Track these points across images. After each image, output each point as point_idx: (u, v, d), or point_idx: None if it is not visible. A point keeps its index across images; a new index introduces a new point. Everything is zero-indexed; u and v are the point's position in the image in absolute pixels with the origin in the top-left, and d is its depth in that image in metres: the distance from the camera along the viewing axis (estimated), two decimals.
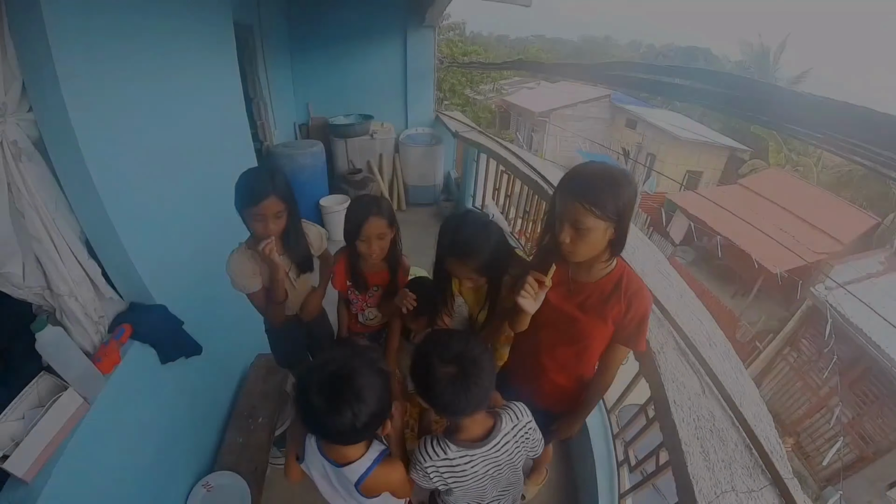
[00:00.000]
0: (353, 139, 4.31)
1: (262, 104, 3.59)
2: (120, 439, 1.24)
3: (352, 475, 0.94)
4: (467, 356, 0.95)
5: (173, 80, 1.56)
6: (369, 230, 1.42)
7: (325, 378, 0.84)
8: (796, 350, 7.18)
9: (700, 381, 1.24)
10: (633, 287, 1.10)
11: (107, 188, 1.16)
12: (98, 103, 1.14)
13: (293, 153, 3.67)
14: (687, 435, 1.07)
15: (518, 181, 3.30)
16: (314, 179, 3.91)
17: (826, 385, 6.48)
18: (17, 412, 0.97)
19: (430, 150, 4.57)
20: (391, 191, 4.69)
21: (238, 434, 1.77)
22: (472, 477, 1.06)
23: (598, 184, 0.96)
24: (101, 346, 1.18)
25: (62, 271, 1.08)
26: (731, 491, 0.95)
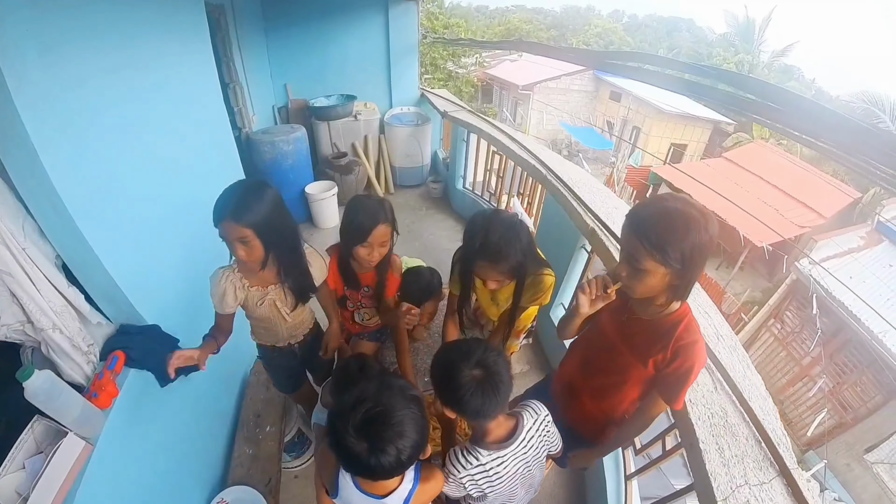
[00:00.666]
0: (336, 121, 4.16)
1: (238, 89, 3.39)
2: (130, 472, 1.20)
3: (397, 501, 0.93)
4: (489, 360, 0.98)
5: (143, 77, 1.42)
6: (375, 238, 1.38)
7: (361, 420, 0.80)
8: (780, 322, 7.43)
9: (712, 377, 1.25)
10: (687, 339, 1.00)
11: (79, 207, 1.06)
12: (59, 113, 1.02)
13: (274, 140, 3.52)
14: (704, 433, 1.08)
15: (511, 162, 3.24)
16: (298, 166, 3.77)
17: (808, 355, 6.76)
18: (17, 462, 0.92)
19: (417, 130, 4.43)
20: (378, 173, 4.57)
21: (247, 445, 1.74)
22: (505, 478, 1.09)
23: (666, 226, 0.87)
24: (96, 378, 1.11)
25: (41, 304, 1.00)
26: (745, 485, 0.98)
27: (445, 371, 0.99)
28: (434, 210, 4.43)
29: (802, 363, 6.89)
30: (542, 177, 2.48)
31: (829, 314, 6.26)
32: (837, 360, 6.42)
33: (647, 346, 1.05)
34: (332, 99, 4.29)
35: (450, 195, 4.51)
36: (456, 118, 3.82)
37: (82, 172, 1.09)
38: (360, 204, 1.41)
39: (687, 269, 0.89)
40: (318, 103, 4.18)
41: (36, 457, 0.94)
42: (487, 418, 1.02)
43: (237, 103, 3.44)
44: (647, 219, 0.90)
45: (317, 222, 4.02)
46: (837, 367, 6.41)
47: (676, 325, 1.00)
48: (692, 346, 1.00)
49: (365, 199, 1.43)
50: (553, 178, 2.37)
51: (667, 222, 0.87)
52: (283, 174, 3.69)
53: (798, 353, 7.00)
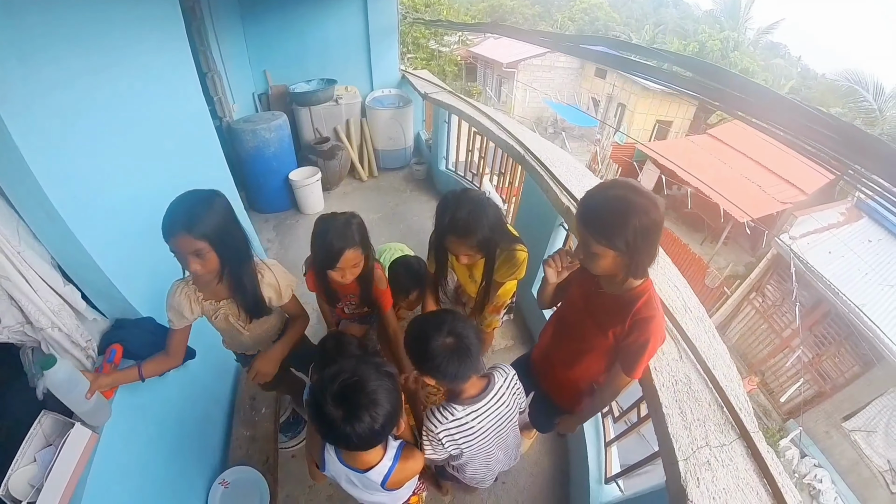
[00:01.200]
0: (318, 106, 4.12)
1: (216, 78, 3.32)
2: (135, 459, 1.27)
3: (377, 477, 1.01)
4: (458, 328, 1.06)
5: (121, 75, 1.43)
6: (344, 263, 1.35)
7: (338, 390, 0.87)
8: (762, 295, 7.67)
9: (677, 347, 1.34)
10: (644, 314, 1.06)
11: (69, 209, 1.09)
12: (43, 118, 1.04)
13: (256, 128, 3.48)
14: (667, 398, 1.17)
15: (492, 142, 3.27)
16: (281, 153, 3.75)
17: (788, 328, 7.02)
18: (28, 456, 0.98)
19: (399, 113, 4.40)
20: (361, 157, 4.55)
21: (244, 428, 1.82)
22: (480, 433, 1.18)
23: (608, 213, 0.94)
24: (96, 371, 1.16)
25: (39, 304, 1.04)
26: (705, 446, 1.07)
27: (419, 342, 1.07)
28: (418, 192, 4.44)
29: (783, 335, 7.16)
30: (519, 156, 2.53)
31: (809, 287, 6.48)
32: (817, 332, 6.67)
33: (608, 318, 1.13)
34: (312, 84, 4.23)
35: (433, 177, 4.52)
36: (436, 100, 3.80)
37: (69, 175, 1.12)
38: (326, 228, 1.35)
39: (634, 251, 0.95)
40: (298, 89, 4.11)
41: (46, 449, 1.00)
42: (463, 380, 1.11)
43: (216, 92, 3.38)
44: (590, 208, 0.98)
45: (302, 208, 4.02)
46: (817, 339, 6.67)
47: (636, 300, 1.07)
48: (649, 321, 1.07)
49: (331, 222, 1.35)
50: (530, 158, 2.42)
51: (608, 210, 0.95)
52: (265, 162, 3.67)
53: (779, 325, 7.26)
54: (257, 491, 1.65)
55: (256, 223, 3.77)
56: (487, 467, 1.39)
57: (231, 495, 1.66)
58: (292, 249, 3.66)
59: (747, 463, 1.06)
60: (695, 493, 0.98)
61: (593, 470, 1.86)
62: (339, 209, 1.47)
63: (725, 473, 1.03)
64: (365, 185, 4.54)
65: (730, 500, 0.98)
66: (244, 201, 3.87)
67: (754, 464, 1.06)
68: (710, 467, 1.03)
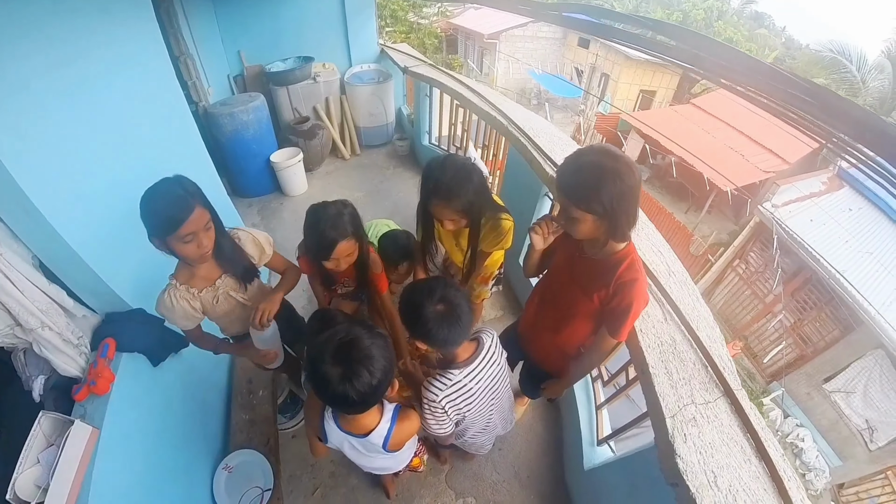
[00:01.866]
0: (295, 85, 4.00)
1: (189, 61, 3.18)
2: (137, 451, 1.29)
3: (377, 440, 1.05)
4: (449, 295, 1.09)
5: (90, 66, 1.36)
6: (338, 254, 1.35)
7: (335, 348, 0.89)
8: (745, 262, 7.85)
9: (662, 309, 1.39)
10: (627, 277, 1.10)
11: (50, 206, 1.06)
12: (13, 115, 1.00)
13: (233, 111, 3.36)
14: (653, 359, 1.22)
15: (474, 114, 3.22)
16: (260, 135, 3.65)
17: (771, 293, 7.24)
18: (31, 458, 0.99)
19: (379, 88, 4.30)
20: (342, 135, 4.47)
21: (243, 412, 1.85)
22: (479, 393, 1.23)
23: (583, 179, 0.97)
24: (91, 367, 1.16)
25: (27, 305, 1.03)
26: (691, 404, 1.13)
27: (412, 309, 1.09)
28: (402, 168, 4.39)
29: (766, 301, 7.40)
30: (503, 128, 2.51)
31: (791, 254, 6.65)
32: (799, 298, 6.89)
33: (592, 282, 1.17)
34: (288, 63, 4.08)
35: (417, 152, 4.47)
36: (417, 73, 3.71)
37: (46, 170, 1.09)
38: (318, 219, 1.33)
39: (612, 214, 0.98)
40: (274, 68, 3.97)
41: (48, 450, 1.01)
42: (455, 345, 1.15)
43: (190, 77, 3.25)
44: (567, 174, 1.01)
45: (285, 191, 3.96)
46: (799, 304, 6.89)
47: (619, 264, 1.11)
48: (632, 284, 1.10)
49: (322, 213, 1.34)
50: (514, 129, 2.41)
51: (584, 175, 0.97)
52: (245, 145, 3.58)
53: (762, 291, 7.48)
54: (261, 472, 1.70)
55: (240, 208, 3.70)
56: (486, 431, 1.45)
57: (235, 479, 1.70)
58: (278, 233, 3.61)
59: (731, 419, 1.12)
60: (682, 448, 1.03)
61: (585, 433, 1.94)
62: (323, 189, 1.47)
63: (711, 429, 1.08)
64: (348, 164, 4.46)
65: (715, 453, 1.03)
66: (227, 187, 3.79)
67: (738, 419, 1.12)
68: (696, 423, 1.09)
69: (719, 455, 1.04)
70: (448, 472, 2.02)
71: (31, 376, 1.18)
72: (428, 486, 1.97)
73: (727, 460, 1.04)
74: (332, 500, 1.90)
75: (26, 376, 1.20)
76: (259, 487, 1.66)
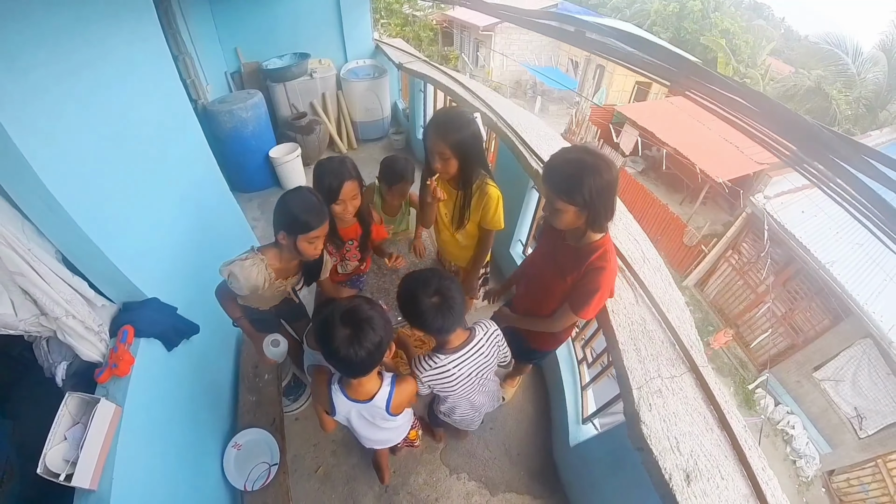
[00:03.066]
0: (292, 82, 4.08)
1: (188, 60, 3.26)
2: (155, 429, 1.40)
3: (380, 403, 1.19)
4: (443, 287, 1.20)
5: (103, 71, 1.44)
6: (345, 194, 1.58)
7: (343, 314, 1.05)
8: (737, 253, 7.98)
9: (634, 293, 1.50)
10: (598, 264, 1.24)
11: (73, 203, 1.15)
12: (35, 118, 1.08)
13: (232, 108, 3.45)
14: (623, 336, 1.34)
15: None
16: (259, 132, 3.74)
17: (763, 284, 7.37)
18: (58, 435, 1.09)
19: (375, 83, 4.38)
20: (339, 130, 4.55)
21: (250, 394, 1.97)
22: (461, 379, 1.35)
23: (566, 173, 1.10)
24: (111, 352, 1.27)
25: (53, 295, 1.12)
26: (657, 377, 1.24)
27: (409, 302, 1.21)
28: None
29: (758, 291, 7.53)
30: (492, 123, 2.60)
31: (782, 245, 6.77)
32: (790, 288, 7.02)
33: (568, 266, 1.31)
34: (285, 59, 4.14)
35: (412, 146, 4.56)
36: (411, 69, 3.79)
37: (67, 170, 1.17)
38: (325, 168, 1.59)
39: (592, 206, 1.12)
40: (271, 65, 4.04)
41: (74, 427, 1.12)
42: (448, 333, 1.27)
43: (189, 75, 3.32)
44: (552, 169, 1.15)
45: (284, 185, 4.04)
46: (789, 295, 7.03)
47: (594, 251, 1.25)
48: (601, 271, 1.24)
49: (327, 163, 1.60)
50: (502, 125, 2.50)
51: (567, 170, 1.11)
52: (244, 142, 3.66)
53: (754, 281, 7.62)
54: (268, 448, 1.82)
55: (241, 202, 3.75)
56: (473, 408, 1.58)
57: (244, 456, 1.82)
58: None
59: (696, 392, 1.23)
60: (647, 416, 1.15)
61: (571, 412, 2.07)
62: None
63: (675, 400, 1.20)
64: None
65: (678, 422, 1.15)
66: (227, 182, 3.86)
67: (702, 393, 1.23)
68: (661, 395, 1.20)
69: (682, 424, 1.15)
70: (442, 450, 2.15)
71: (54, 363, 1.28)
72: (423, 463, 2.10)
73: (690, 428, 1.14)
74: (334, 477, 2.04)
75: (49, 363, 1.30)
76: (266, 462, 1.79)
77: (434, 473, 2.09)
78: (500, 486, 2.06)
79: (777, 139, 1.02)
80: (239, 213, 2.70)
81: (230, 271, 1.36)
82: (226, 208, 2.53)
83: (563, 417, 2.10)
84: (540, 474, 2.12)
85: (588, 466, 1.85)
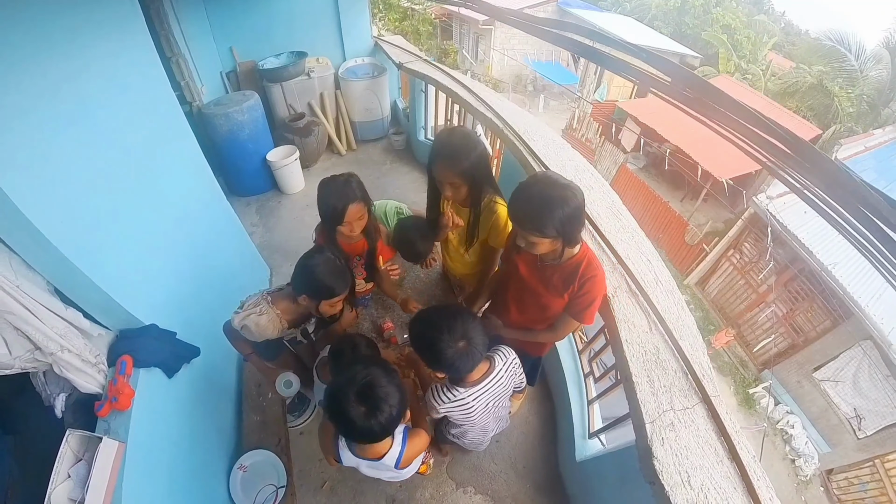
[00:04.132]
0: (289, 82, 3.98)
1: (181, 62, 3.17)
2: (159, 458, 1.37)
3: (390, 461, 1.16)
4: (470, 331, 1.15)
5: (86, 87, 1.38)
6: (350, 216, 1.53)
7: (358, 390, 1.00)
8: (739, 252, 7.93)
9: (647, 319, 1.46)
10: (589, 273, 1.28)
11: (55, 232, 1.09)
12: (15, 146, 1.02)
13: (228, 111, 3.38)
14: (636, 368, 1.31)
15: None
16: (256, 135, 3.67)
17: (765, 284, 7.34)
18: (62, 473, 1.06)
19: (374, 82, 4.29)
20: (338, 131, 4.47)
21: (254, 414, 1.94)
22: (479, 410, 1.33)
23: (533, 210, 1.10)
24: (111, 384, 1.23)
25: (45, 331, 1.08)
26: (670, 410, 1.22)
27: (431, 345, 1.15)
28: (398, 163, 4.41)
29: (759, 290, 7.51)
30: (497, 129, 2.54)
31: (784, 246, 6.71)
32: (791, 289, 6.99)
33: (562, 284, 1.32)
34: (281, 58, 4.04)
35: (413, 147, 4.48)
36: (412, 70, 3.69)
37: (51, 199, 1.12)
38: (329, 189, 1.54)
39: (564, 233, 1.14)
40: (267, 65, 3.95)
41: (78, 464, 1.09)
42: (470, 373, 1.24)
43: (182, 77, 3.24)
44: (517, 210, 1.15)
45: (283, 188, 4.00)
46: (791, 295, 7.00)
47: (580, 264, 1.28)
48: (595, 279, 1.29)
49: (332, 183, 1.55)
50: (508, 132, 2.44)
51: (531, 208, 1.11)
52: (241, 145, 3.60)
53: (755, 281, 7.59)
54: (274, 471, 1.80)
55: (238, 207, 3.74)
56: (483, 434, 1.55)
57: (250, 478, 1.80)
58: (277, 231, 3.66)
59: (707, 423, 1.21)
60: (659, 451, 1.13)
61: (578, 426, 2.06)
62: None
63: (687, 433, 1.17)
64: (344, 160, 4.48)
65: (690, 455, 1.13)
66: (224, 187, 3.80)
67: (713, 424, 1.21)
68: (673, 428, 1.18)
69: (694, 457, 1.13)
70: (448, 464, 2.13)
71: (52, 394, 1.25)
72: (429, 478, 2.08)
73: (701, 461, 1.13)
74: (340, 493, 2.01)
75: (46, 394, 1.26)
76: (273, 485, 1.77)
77: (440, 488, 2.07)
78: (506, 499, 2.05)
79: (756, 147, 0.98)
80: (237, 223, 2.64)
81: (244, 325, 1.36)
82: (223, 222, 2.47)
83: (569, 431, 2.09)
84: (546, 487, 2.11)
85: (595, 484, 1.84)
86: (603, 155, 11.50)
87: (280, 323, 1.43)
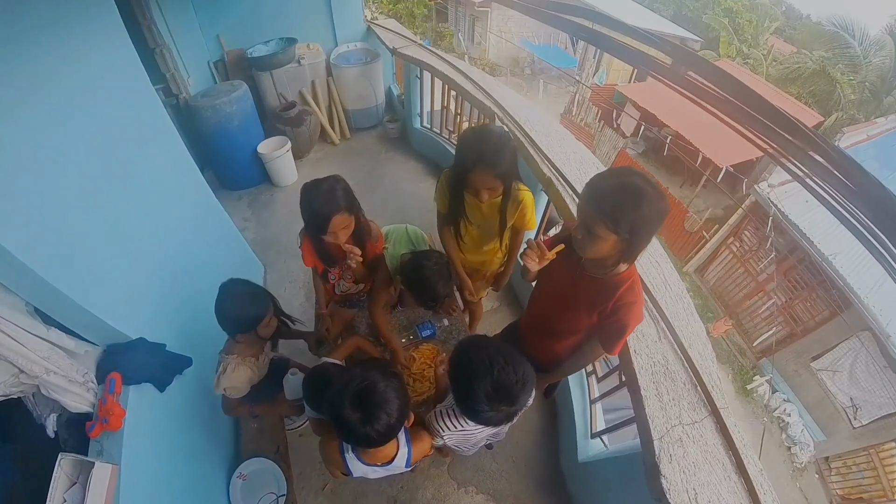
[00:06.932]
0: (279, 70, 3.83)
1: (166, 53, 3.03)
2: (156, 476, 1.34)
3: (401, 462, 1.15)
4: (517, 402, 1.05)
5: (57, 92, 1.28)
6: (334, 226, 1.42)
7: (353, 395, 0.96)
8: (739, 240, 7.87)
9: (657, 327, 1.43)
10: (628, 299, 1.13)
11: (34, 255, 1.02)
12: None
13: (215, 103, 3.24)
14: (645, 380, 1.27)
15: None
16: (246, 126, 3.54)
17: (764, 272, 7.31)
18: (57, 498, 1.03)
19: (367, 69, 4.13)
20: (330, 120, 4.33)
21: (251, 421, 1.91)
22: (480, 438, 1.30)
23: (621, 198, 0.96)
24: (100, 404, 1.18)
25: (27, 355, 1.04)
26: (678, 425, 1.19)
27: (469, 395, 1.06)
28: (394, 152, 4.29)
29: (759, 279, 7.49)
30: (497, 119, 2.45)
31: (784, 234, 6.67)
32: (790, 278, 6.98)
33: (593, 301, 1.19)
34: (270, 45, 3.88)
35: (408, 135, 4.36)
36: (406, 55, 3.55)
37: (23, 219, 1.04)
38: (312, 195, 1.40)
39: (634, 238, 1.00)
40: (256, 53, 3.79)
41: (72, 489, 1.05)
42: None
43: (168, 69, 3.10)
44: (604, 190, 1.00)
45: (275, 181, 3.89)
46: (790, 284, 6.99)
47: (620, 285, 1.13)
48: (631, 307, 1.14)
49: (315, 191, 1.40)
50: (509, 121, 2.36)
51: (621, 195, 0.97)
52: (231, 138, 3.47)
53: (755, 270, 7.56)
54: (273, 478, 1.78)
55: (230, 201, 3.65)
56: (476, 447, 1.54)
57: (250, 486, 1.78)
58: (270, 226, 3.58)
59: (715, 437, 1.19)
60: (667, 469, 1.10)
61: (580, 426, 2.04)
62: (316, 177, 1.48)
63: (695, 449, 1.15)
64: (338, 150, 4.36)
65: (698, 471, 1.11)
66: (214, 180, 3.70)
67: (722, 438, 1.19)
68: (682, 444, 1.15)
69: (702, 473, 1.11)
70: (450, 464, 2.12)
71: (43, 415, 1.21)
72: (431, 478, 2.07)
73: (708, 478, 1.11)
74: (341, 494, 2.00)
75: (37, 414, 1.23)
76: (273, 493, 1.75)
77: (442, 488, 2.07)
78: (507, 498, 2.05)
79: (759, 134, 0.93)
80: (228, 222, 2.55)
81: (224, 388, 1.38)
82: (212, 222, 2.39)
83: (570, 431, 2.08)
84: (548, 485, 2.11)
85: (597, 485, 1.84)
86: (602, 140, 11.34)
87: (249, 363, 1.46)
